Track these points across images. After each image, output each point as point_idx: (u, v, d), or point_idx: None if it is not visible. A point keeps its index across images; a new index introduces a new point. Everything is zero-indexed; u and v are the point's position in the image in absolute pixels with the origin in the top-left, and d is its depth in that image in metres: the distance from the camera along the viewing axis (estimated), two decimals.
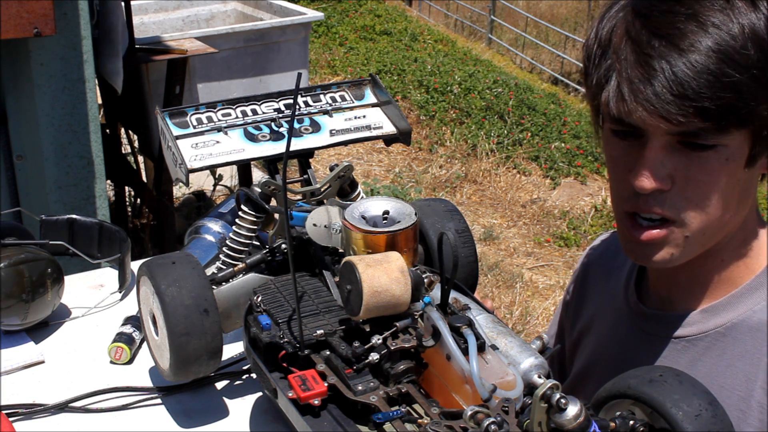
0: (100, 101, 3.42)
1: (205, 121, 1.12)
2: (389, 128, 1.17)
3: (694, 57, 0.92)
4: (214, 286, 1.05)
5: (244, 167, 3.80)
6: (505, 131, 6.66)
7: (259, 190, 1.09)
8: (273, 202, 1.10)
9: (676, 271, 1.10)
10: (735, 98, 0.92)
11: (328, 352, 0.93)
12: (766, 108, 0.94)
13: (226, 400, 1.11)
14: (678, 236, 1.02)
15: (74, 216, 1.42)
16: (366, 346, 0.89)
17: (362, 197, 1.09)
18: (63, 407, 1.09)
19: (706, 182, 0.98)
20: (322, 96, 1.18)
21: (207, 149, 1.09)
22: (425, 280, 0.93)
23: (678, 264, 1.06)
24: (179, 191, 4.48)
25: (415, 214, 0.98)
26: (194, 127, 1.11)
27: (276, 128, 1.13)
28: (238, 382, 1.15)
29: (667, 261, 1.04)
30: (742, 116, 0.94)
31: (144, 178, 3.93)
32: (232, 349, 1.18)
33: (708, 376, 1.04)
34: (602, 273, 1.28)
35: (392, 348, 0.89)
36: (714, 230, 1.03)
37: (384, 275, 0.87)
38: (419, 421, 0.84)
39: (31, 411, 1.08)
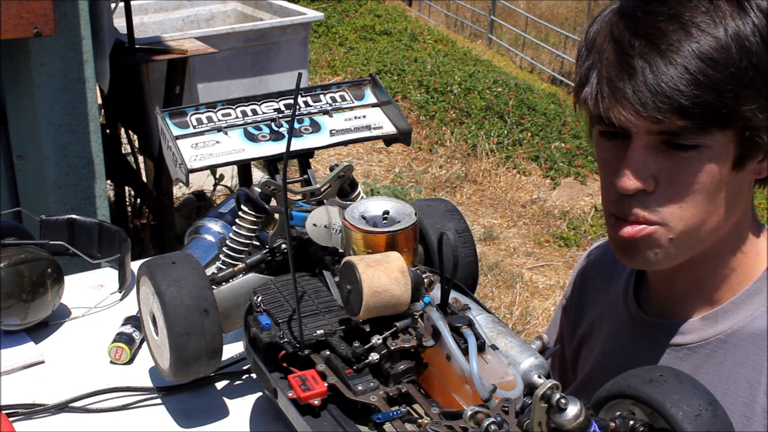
0: (100, 101, 3.42)
1: (205, 121, 1.12)
2: (389, 128, 1.17)
3: (674, 56, 0.92)
4: (214, 286, 1.05)
5: (244, 167, 3.79)
6: (505, 131, 6.65)
7: (259, 190, 1.09)
8: (273, 202, 1.10)
9: (673, 278, 1.09)
10: (714, 97, 0.92)
11: (328, 352, 0.93)
12: (750, 109, 0.93)
13: (226, 400, 1.11)
14: (662, 237, 1.01)
15: (74, 216, 1.42)
16: (366, 346, 0.89)
17: (362, 197, 1.09)
18: (63, 407, 1.09)
19: (689, 183, 0.98)
20: (322, 96, 1.18)
21: (207, 149, 1.09)
22: (425, 280, 0.92)
23: (664, 266, 1.05)
24: (179, 191, 4.48)
25: (415, 214, 0.97)
26: (194, 127, 1.11)
27: (276, 128, 1.13)
28: (238, 382, 1.15)
29: (651, 262, 1.04)
30: (722, 116, 0.93)
31: (144, 178, 3.93)
32: (232, 349, 1.18)
33: (710, 384, 1.03)
34: (602, 280, 1.27)
35: (392, 348, 0.89)
36: (700, 233, 1.02)
37: (384, 275, 0.87)
38: (419, 421, 0.84)
39: (31, 411, 1.08)
